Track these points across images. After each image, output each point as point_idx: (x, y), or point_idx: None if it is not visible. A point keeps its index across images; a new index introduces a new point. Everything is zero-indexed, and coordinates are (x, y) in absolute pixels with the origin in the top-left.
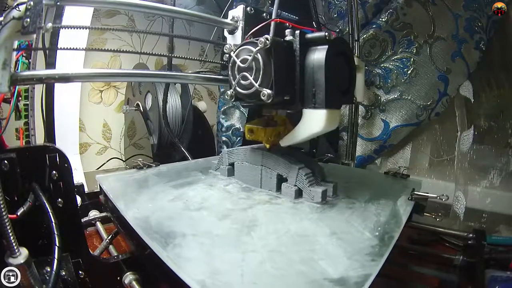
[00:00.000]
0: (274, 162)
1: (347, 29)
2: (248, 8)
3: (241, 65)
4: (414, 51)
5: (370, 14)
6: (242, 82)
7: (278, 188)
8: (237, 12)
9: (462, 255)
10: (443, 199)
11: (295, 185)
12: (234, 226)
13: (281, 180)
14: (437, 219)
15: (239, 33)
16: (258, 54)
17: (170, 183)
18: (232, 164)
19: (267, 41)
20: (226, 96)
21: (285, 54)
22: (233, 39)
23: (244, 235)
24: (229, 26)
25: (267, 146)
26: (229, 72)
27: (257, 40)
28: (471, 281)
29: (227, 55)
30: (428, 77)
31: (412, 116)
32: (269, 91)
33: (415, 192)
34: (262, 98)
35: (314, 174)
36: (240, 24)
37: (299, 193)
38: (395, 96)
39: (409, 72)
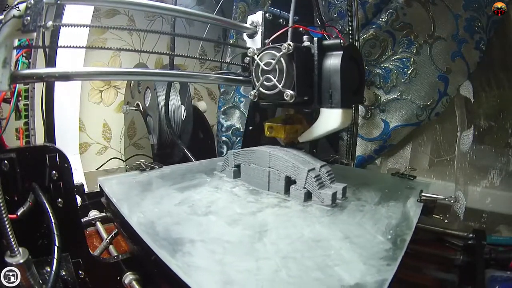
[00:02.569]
0: (282, 164)
1: (347, 29)
2: (267, 15)
3: (265, 67)
4: (414, 51)
5: (370, 14)
6: (266, 83)
7: (287, 191)
8: (257, 17)
9: (462, 255)
10: (452, 201)
11: (304, 188)
12: (245, 232)
13: (289, 182)
14: (445, 221)
15: (258, 37)
16: (282, 58)
17: (175, 186)
18: (238, 166)
19: (290, 47)
20: (249, 96)
21: (304, 58)
22: (253, 43)
23: (257, 241)
24: (248, 30)
25: (284, 142)
26: (252, 74)
27: (280, 45)
28: (471, 281)
29: (249, 58)
30: (428, 77)
31: (412, 116)
32: (291, 92)
33: (423, 194)
34: (285, 98)
35: (323, 176)
36: (260, 29)
37: (308, 196)
38: (395, 96)
39: (409, 72)
